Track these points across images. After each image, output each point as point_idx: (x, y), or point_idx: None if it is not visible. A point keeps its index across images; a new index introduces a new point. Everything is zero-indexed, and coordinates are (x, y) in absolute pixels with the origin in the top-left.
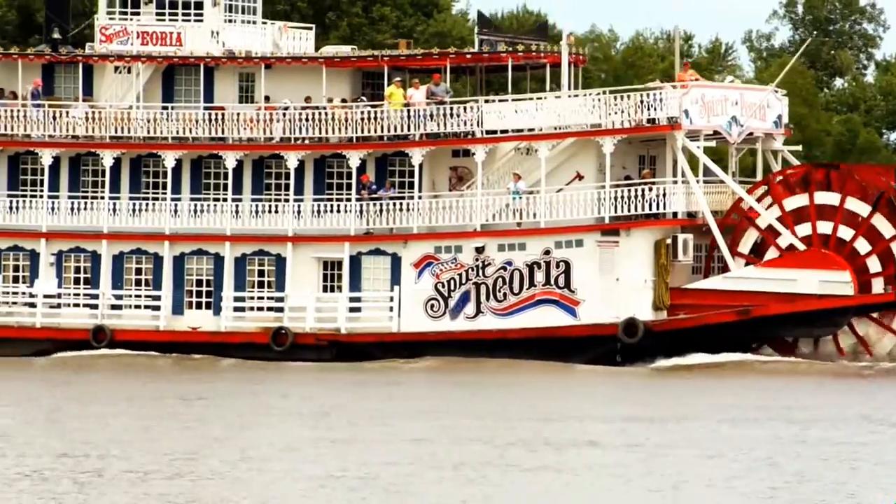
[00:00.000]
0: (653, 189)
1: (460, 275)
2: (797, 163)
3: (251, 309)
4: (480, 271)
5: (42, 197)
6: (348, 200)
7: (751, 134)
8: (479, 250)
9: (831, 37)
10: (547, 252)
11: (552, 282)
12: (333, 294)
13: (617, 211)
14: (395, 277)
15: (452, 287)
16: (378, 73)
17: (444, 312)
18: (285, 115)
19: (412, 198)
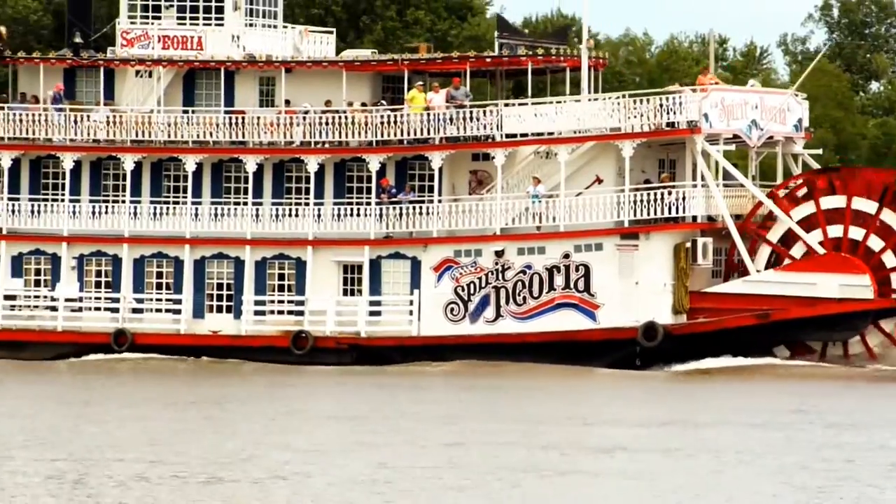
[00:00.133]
0: (672, 193)
1: (480, 278)
2: (817, 166)
3: (271, 312)
4: (500, 275)
5: (63, 201)
6: (368, 204)
7: (771, 137)
8: (499, 254)
9: (867, 40)
10: (566, 256)
11: (572, 285)
12: (353, 298)
13: (636, 215)
14: (415, 281)
15: (472, 291)
16: (398, 76)
17: (464, 316)
18: (305, 118)
19: (432, 201)
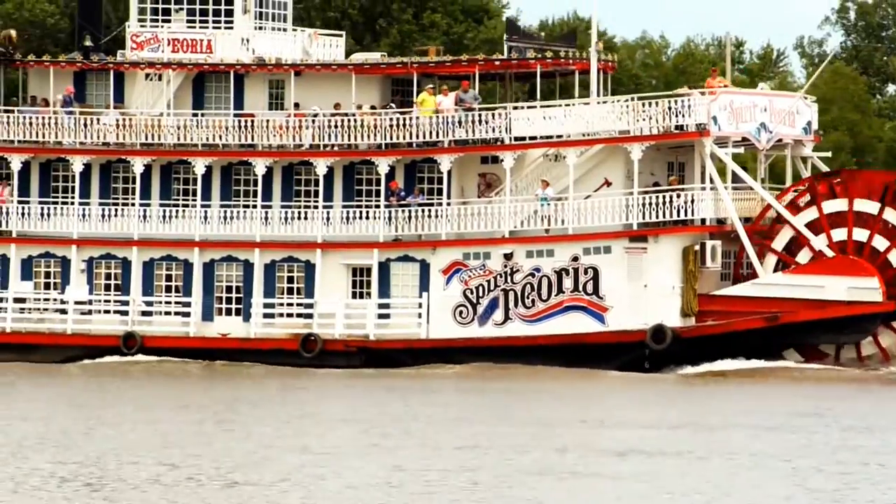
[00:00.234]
0: (681, 195)
1: (489, 281)
2: (827, 169)
3: (280, 315)
4: (509, 278)
5: (73, 204)
6: (377, 207)
7: (780, 140)
8: (508, 257)
9: (884, 43)
10: (575, 258)
11: (580, 288)
12: (362, 300)
13: (645, 217)
14: (424, 284)
15: (481, 293)
16: (407, 79)
17: (473, 319)
18: (314, 121)
19: (441, 204)
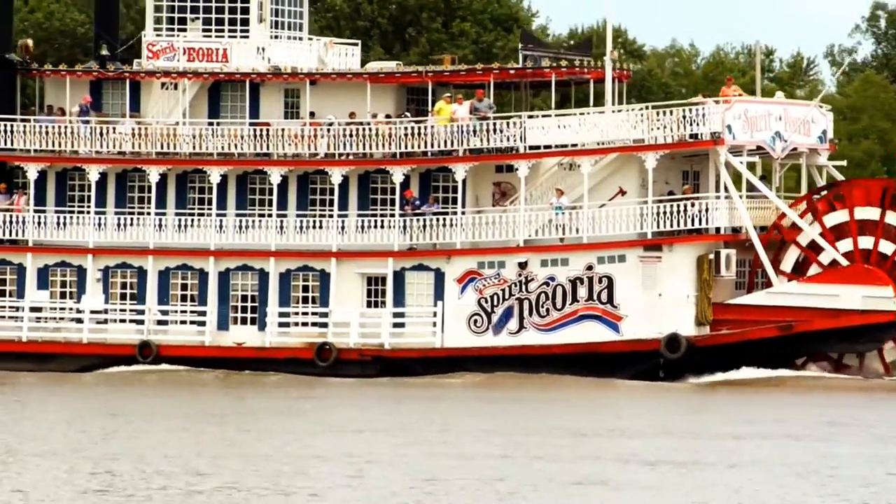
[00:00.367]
0: (695, 204)
1: (503, 290)
2: (841, 178)
3: (296, 324)
4: (523, 287)
5: (89, 213)
6: (392, 216)
7: (795, 149)
8: (522, 266)
9: None
10: (590, 267)
11: (595, 297)
12: (377, 309)
13: (660, 226)
14: (439, 293)
15: (495, 302)
16: (422, 88)
17: (488, 328)
18: (330, 130)
19: (455, 213)
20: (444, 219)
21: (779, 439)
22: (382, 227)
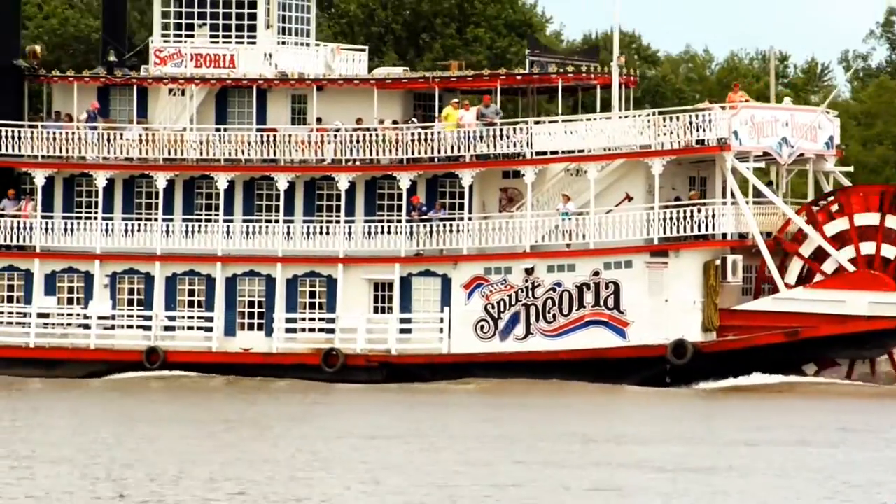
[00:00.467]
0: (702, 210)
1: (510, 296)
2: (848, 184)
3: (302, 330)
4: (530, 292)
5: (96, 219)
6: (399, 222)
7: (801, 155)
8: (529, 271)
9: None
10: (596, 273)
11: (601, 303)
12: (384, 315)
13: (666, 232)
14: (446, 299)
15: (502, 308)
16: (429, 94)
17: (494, 334)
18: (337, 136)
19: (462, 219)
20: (451, 224)
21: (791, 445)
22: (389, 232)
